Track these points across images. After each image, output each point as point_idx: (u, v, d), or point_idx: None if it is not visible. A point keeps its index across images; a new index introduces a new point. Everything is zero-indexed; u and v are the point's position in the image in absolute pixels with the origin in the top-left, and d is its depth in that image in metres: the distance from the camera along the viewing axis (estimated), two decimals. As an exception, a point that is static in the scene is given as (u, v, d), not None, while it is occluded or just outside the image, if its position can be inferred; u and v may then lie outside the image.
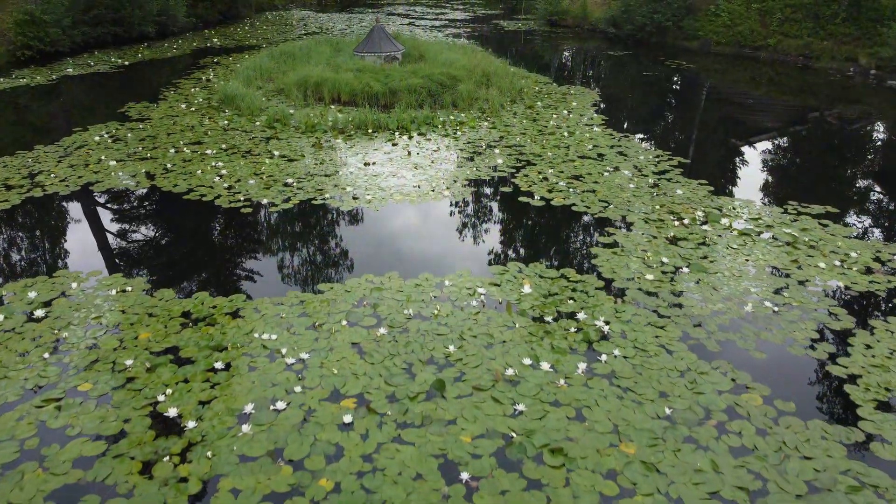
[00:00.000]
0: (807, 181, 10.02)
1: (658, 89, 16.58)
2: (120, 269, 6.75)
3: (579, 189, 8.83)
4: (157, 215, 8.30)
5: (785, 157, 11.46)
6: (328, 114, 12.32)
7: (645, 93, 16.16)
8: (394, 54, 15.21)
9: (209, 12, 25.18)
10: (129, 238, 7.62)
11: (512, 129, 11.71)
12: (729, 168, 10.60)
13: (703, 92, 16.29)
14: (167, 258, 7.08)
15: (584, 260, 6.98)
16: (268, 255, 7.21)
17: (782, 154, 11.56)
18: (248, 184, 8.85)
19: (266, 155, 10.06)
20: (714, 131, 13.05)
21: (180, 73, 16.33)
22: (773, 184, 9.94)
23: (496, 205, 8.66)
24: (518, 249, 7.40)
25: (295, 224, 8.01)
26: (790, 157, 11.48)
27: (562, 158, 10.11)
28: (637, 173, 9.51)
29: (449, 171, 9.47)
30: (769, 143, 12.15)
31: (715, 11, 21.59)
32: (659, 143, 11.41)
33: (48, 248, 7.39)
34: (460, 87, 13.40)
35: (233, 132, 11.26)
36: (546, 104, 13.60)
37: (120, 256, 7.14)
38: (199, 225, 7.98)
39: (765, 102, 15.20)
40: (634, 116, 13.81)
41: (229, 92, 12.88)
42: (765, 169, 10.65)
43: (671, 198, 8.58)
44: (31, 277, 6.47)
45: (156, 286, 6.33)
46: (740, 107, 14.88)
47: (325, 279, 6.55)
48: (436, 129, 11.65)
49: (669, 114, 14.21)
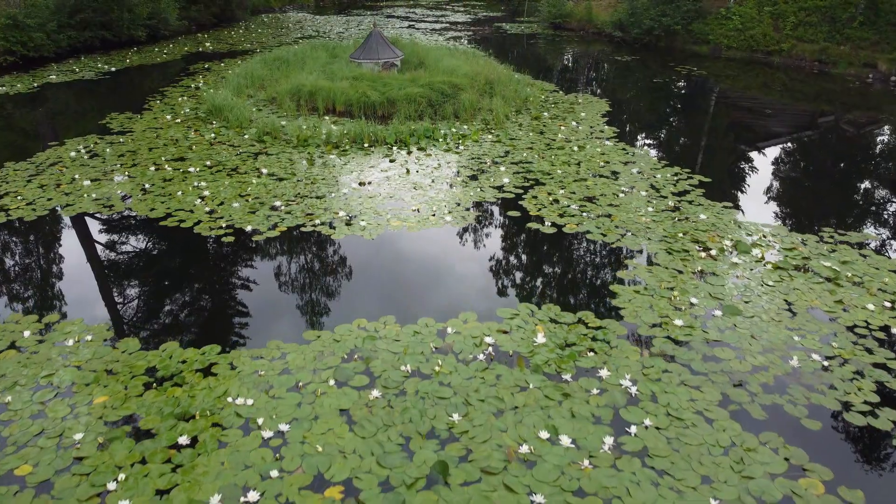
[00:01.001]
0: (838, 201, 9.27)
1: (669, 97, 15.84)
2: (81, 312, 6.00)
3: (593, 213, 8.09)
4: (128, 247, 7.55)
5: (809, 170, 10.72)
6: (322, 126, 11.57)
7: (656, 101, 15.43)
8: (392, 61, 14.47)
9: (202, 15, 24.44)
10: (95, 275, 6.87)
11: (518, 142, 10.96)
12: (753, 186, 9.84)
13: (717, 100, 15.54)
14: (135, 299, 6.33)
15: (603, 300, 6.24)
16: (248, 295, 6.46)
17: (807, 168, 10.81)
18: (231, 207, 8.11)
19: (253, 173, 9.32)
20: (733, 145, 12.29)
21: (169, 80, 15.59)
22: (802, 204, 9.20)
23: (503, 232, 7.91)
24: (529, 287, 6.66)
25: (281, 256, 7.26)
26: (815, 171, 10.73)
27: (572, 177, 9.37)
28: (655, 194, 8.77)
29: (451, 193, 8.72)
30: (792, 156, 11.41)
31: (726, 15, 20.86)
32: (675, 157, 10.66)
33: (1, 288, 6.64)
34: (462, 96, 12.66)
35: (219, 147, 10.52)
36: (553, 115, 12.86)
37: (82, 298, 6.39)
38: (174, 258, 7.23)
39: (782, 111, 14.46)
40: (647, 128, 13.06)
41: (217, 102, 12.14)
42: (791, 187, 9.91)
43: (695, 223, 7.84)
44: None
45: (119, 334, 5.59)
46: (759, 116, 14.13)
47: (311, 324, 5.80)
48: (436, 142, 10.91)
49: (684, 125, 13.44)
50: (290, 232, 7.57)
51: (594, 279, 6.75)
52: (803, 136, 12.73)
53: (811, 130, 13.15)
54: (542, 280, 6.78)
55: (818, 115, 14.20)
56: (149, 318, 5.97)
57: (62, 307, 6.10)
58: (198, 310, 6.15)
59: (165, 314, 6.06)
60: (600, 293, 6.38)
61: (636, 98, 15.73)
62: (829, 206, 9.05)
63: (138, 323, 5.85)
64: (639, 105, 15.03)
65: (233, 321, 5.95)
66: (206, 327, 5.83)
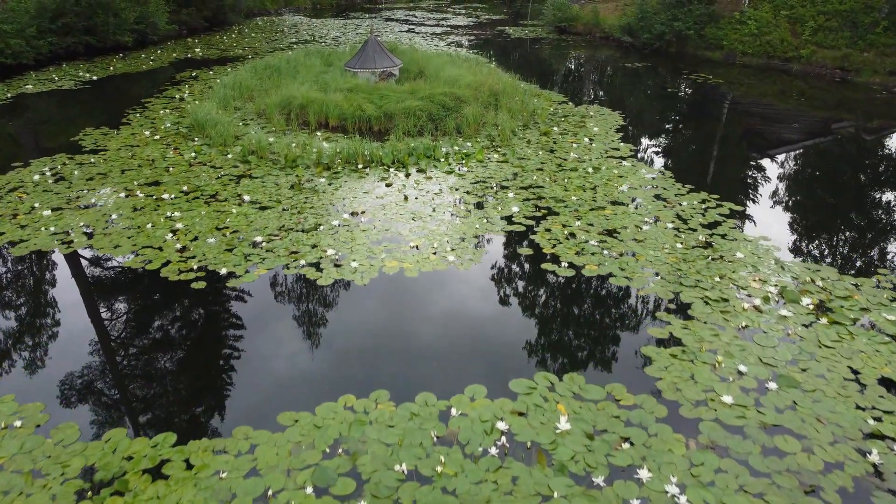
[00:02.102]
0: (891, 234, 8.32)
1: (686, 109, 14.88)
2: (14, 385, 5.05)
3: (615, 250, 7.15)
4: (82, 297, 6.61)
5: (852, 198, 9.77)
6: (313, 143, 10.64)
7: (672, 114, 14.47)
8: (390, 70, 13.54)
9: (193, 19, 23.51)
10: (40, 333, 5.93)
11: (526, 162, 10.02)
12: (790, 215, 8.88)
13: (737, 111, 14.59)
14: (82, 368, 5.39)
15: (634, 367, 5.29)
16: (215, 363, 5.52)
17: (850, 195, 9.86)
18: (206, 244, 7.17)
19: (234, 200, 8.39)
20: (760, 163, 11.35)
21: (152, 90, 14.65)
22: (850, 237, 8.25)
23: (514, 276, 6.95)
24: (546, 348, 5.71)
25: (257, 310, 6.30)
26: (859, 199, 9.78)
27: (589, 204, 8.43)
28: (682, 226, 7.83)
29: (454, 225, 7.78)
30: (827, 178, 10.48)
31: (740, 19, 19.92)
32: (699, 180, 9.71)
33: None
34: (465, 110, 11.72)
35: (199, 168, 9.58)
36: (563, 129, 11.91)
37: (18, 366, 5.44)
38: (134, 313, 6.28)
39: (809, 122, 13.52)
40: (665, 145, 12.08)
41: (200, 117, 11.20)
42: (834, 216, 8.97)
43: (731, 263, 6.90)
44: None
45: (57, 416, 4.66)
46: (783, 127, 13.18)
47: (288, 404, 4.85)
48: (438, 163, 9.97)
49: (705, 142, 12.46)
50: (271, 276, 6.63)
51: (622, 338, 5.80)
52: (835, 157, 11.79)
53: (826, 137, 12.21)
54: (561, 339, 5.83)
55: (855, 129, 13.25)
56: (95, 394, 5.02)
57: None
58: (154, 383, 5.20)
59: (115, 389, 5.11)
60: (631, 358, 5.44)
61: (651, 110, 14.76)
62: (881, 239, 8.11)
63: (81, 401, 4.91)
64: (654, 118, 14.05)
65: (195, 399, 5.00)
66: (162, 407, 4.88)
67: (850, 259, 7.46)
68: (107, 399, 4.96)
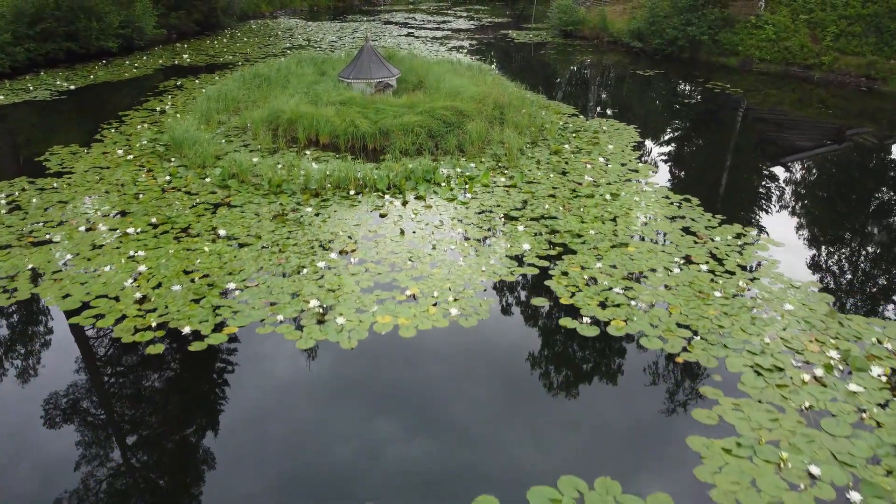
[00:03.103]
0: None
1: (707, 124, 13.85)
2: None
3: (643, 300, 6.16)
4: (13, 369, 5.63)
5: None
6: (301, 163, 9.67)
7: (693, 129, 13.41)
8: (387, 81, 12.56)
9: (183, 23, 22.51)
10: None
11: (537, 187, 9.04)
12: (840, 254, 7.90)
13: (761, 125, 13.61)
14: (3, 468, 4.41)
15: (680, 468, 4.31)
16: (165, 460, 4.54)
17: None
18: (170, 292, 6.20)
19: (208, 235, 7.41)
20: (798, 189, 10.36)
21: (133, 101, 13.67)
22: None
23: (527, 337, 5.94)
24: (570, 439, 4.72)
25: (218, 384, 5.31)
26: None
27: (609, 240, 7.45)
28: (718, 268, 6.84)
29: (456, 267, 6.79)
30: (879, 212, 9.50)
31: (756, 23, 18.93)
32: (732, 210, 8.73)
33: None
34: (469, 126, 10.74)
35: (172, 195, 8.61)
36: (575, 147, 10.93)
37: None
38: (74, 385, 5.30)
39: (846, 136, 12.54)
40: (689, 166, 11.03)
41: (178, 134, 10.22)
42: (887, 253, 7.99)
43: (781, 318, 5.91)
44: None
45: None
46: (817, 144, 12.21)
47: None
48: (438, 188, 8.98)
49: (732, 163, 11.38)
50: (241, 337, 5.64)
51: (662, 424, 4.80)
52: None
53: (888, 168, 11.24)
54: (588, 427, 4.83)
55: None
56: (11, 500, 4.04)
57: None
58: (77, 486, 4.22)
59: (40, 495, 4.13)
60: (675, 454, 4.45)
61: (668, 125, 13.72)
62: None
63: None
64: (673, 134, 13.01)
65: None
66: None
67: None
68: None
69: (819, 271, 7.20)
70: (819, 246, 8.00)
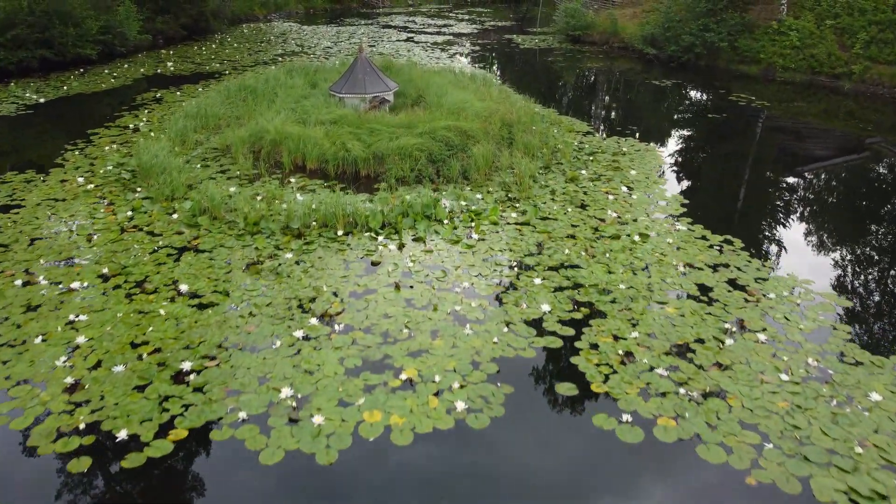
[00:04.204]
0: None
1: (737, 144, 12.47)
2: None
3: (695, 386, 4.99)
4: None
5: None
6: (283, 194, 8.51)
7: (722, 151, 11.96)
8: (383, 96, 11.38)
9: (171, 27, 21.30)
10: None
11: (553, 224, 7.86)
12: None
13: (796, 145, 12.42)
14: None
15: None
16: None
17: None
18: (110, 375, 5.02)
19: (167, 292, 6.23)
20: (867, 236, 9.17)
21: (105, 117, 12.48)
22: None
23: (552, 442, 4.71)
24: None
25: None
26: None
27: (644, 296, 6.27)
28: (780, 338, 5.66)
29: (462, 338, 5.61)
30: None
31: (778, 29, 17.74)
32: (781, 255, 7.55)
33: None
34: (474, 149, 9.56)
35: (132, 236, 7.43)
36: (593, 173, 9.74)
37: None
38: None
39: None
40: (725, 199, 9.66)
41: (145, 160, 9.04)
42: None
43: (869, 414, 4.73)
44: None
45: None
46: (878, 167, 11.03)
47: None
48: (440, 226, 7.80)
49: (773, 195, 10.03)
50: (191, 444, 4.46)
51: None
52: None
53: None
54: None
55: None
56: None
57: None
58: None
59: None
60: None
61: (695, 145, 12.33)
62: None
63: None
64: (701, 157, 11.64)
65: None
66: None
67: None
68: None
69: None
70: (885, 297, 6.82)
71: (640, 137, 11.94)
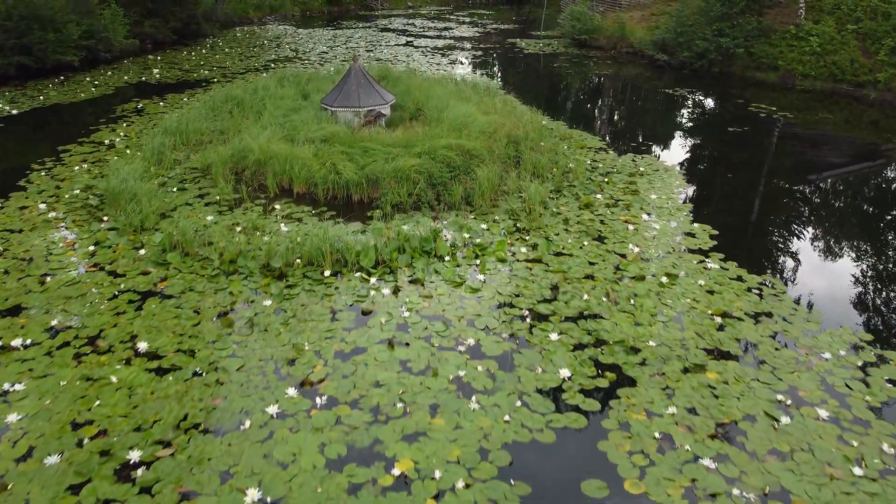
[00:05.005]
0: None
1: (763, 161, 11.32)
2: None
3: (749, 483, 4.10)
4: None
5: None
6: (266, 225, 7.64)
7: (746, 169, 10.63)
8: (378, 110, 10.49)
9: (160, 31, 20.39)
10: None
11: (569, 262, 6.96)
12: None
13: (836, 168, 11.52)
14: None
15: None
16: None
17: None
18: (41, 470, 4.13)
19: (122, 350, 5.35)
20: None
21: (80, 130, 11.59)
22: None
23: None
24: None
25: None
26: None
27: (678, 356, 5.38)
28: (844, 414, 4.76)
29: (468, 413, 4.72)
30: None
31: (797, 34, 16.84)
32: (836, 303, 6.65)
33: None
34: (478, 171, 8.68)
35: (92, 277, 6.54)
36: (609, 197, 8.84)
37: None
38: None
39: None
40: (755, 227, 8.62)
41: (114, 185, 8.15)
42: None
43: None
44: None
45: None
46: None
47: None
48: (441, 263, 6.91)
49: (816, 224, 9.02)
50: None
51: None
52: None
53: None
54: None
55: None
56: None
57: None
58: None
59: None
60: None
61: (718, 164, 11.22)
62: None
63: None
64: (726, 178, 10.46)
65: None
66: None
67: None
68: None
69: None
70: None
71: (658, 154, 11.04)
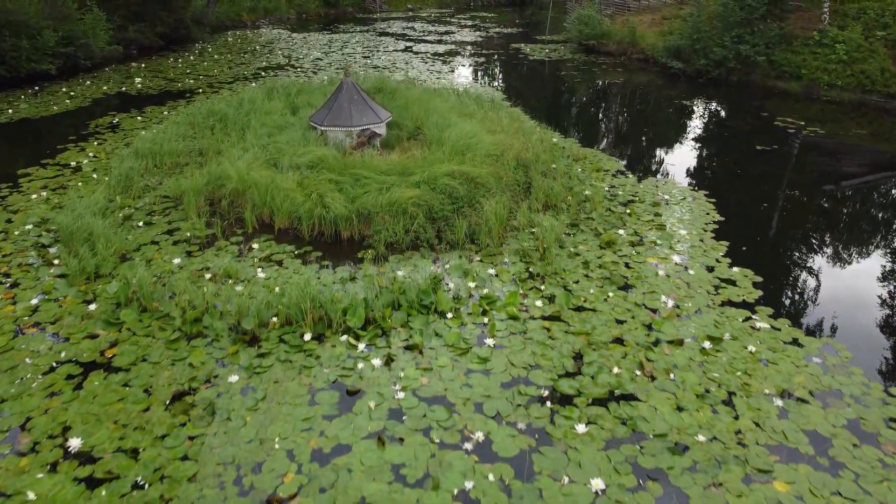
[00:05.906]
0: None
1: (800, 185, 10.25)
2: None
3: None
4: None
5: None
6: (240, 271, 6.61)
7: (782, 197, 9.46)
8: (373, 129, 9.45)
9: (146, 36, 19.33)
10: None
11: (592, 319, 5.93)
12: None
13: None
14: None
15: None
16: None
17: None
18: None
19: (49, 450, 4.32)
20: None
21: (46, 150, 10.55)
22: None
23: None
24: None
25: None
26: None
27: (735, 455, 4.35)
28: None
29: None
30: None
31: (820, 40, 15.78)
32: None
33: None
34: (485, 204, 7.65)
35: (29, 342, 5.51)
36: (633, 232, 7.80)
37: None
38: None
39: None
40: (804, 271, 7.45)
41: (68, 222, 7.12)
42: None
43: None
44: None
45: None
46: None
47: None
48: (443, 323, 5.87)
49: (879, 267, 7.82)
50: None
51: None
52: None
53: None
54: None
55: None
56: None
57: None
58: None
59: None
60: None
61: (752, 192, 9.70)
62: None
63: None
64: (760, 208, 9.04)
65: None
66: None
67: None
68: None
69: None
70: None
71: (682, 178, 10.00)
